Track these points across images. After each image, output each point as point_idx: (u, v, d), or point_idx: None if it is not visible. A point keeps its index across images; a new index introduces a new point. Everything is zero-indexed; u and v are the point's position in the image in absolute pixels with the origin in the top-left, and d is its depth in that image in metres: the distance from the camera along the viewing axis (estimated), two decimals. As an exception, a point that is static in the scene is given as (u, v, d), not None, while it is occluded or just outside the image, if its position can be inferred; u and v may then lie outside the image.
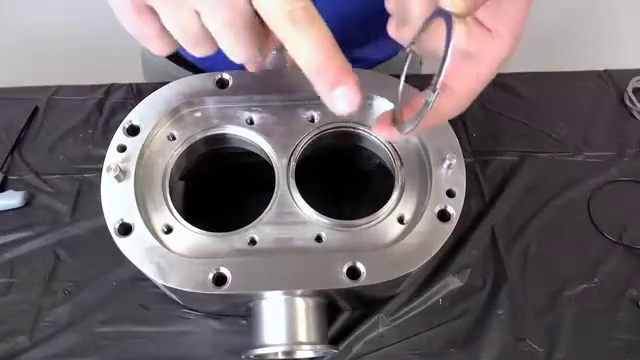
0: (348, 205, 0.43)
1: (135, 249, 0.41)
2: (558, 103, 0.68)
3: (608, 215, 0.59)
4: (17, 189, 0.60)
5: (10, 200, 0.59)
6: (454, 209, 0.43)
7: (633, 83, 0.69)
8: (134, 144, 0.45)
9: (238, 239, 0.43)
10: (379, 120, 0.38)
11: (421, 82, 0.45)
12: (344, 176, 0.53)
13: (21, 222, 0.59)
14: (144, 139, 0.45)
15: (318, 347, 0.43)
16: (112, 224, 0.42)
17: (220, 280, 0.40)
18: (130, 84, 0.70)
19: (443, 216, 0.43)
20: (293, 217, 0.44)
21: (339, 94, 0.31)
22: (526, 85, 0.70)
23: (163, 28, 0.35)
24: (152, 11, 0.34)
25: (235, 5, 0.31)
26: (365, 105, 0.48)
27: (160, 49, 0.37)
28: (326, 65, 0.30)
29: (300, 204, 0.44)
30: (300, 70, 0.31)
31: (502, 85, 0.70)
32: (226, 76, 0.48)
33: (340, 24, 0.66)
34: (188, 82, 0.48)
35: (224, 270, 0.40)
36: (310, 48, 0.30)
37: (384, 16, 0.72)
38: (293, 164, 0.46)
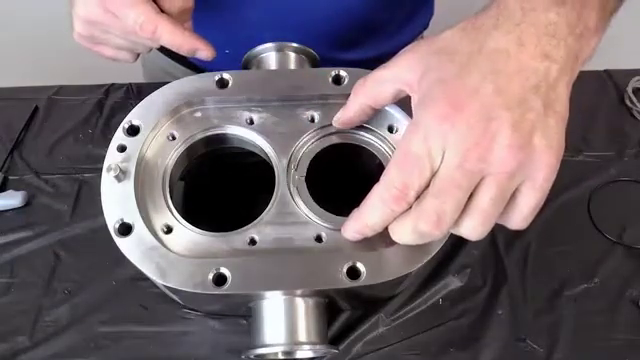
0: (348, 205, 0.43)
1: (135, 249, 0.41)
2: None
3: (608, 215, 0.59)
4: (17, 189, 0.60)
5: (10, 200, 0.59)
6: (454, 209, 0.43)
7: (633, 83, 0.69)
8: (134, 144, 0.45)
9: (238, 239, 0.43)
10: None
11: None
12: (344, 176, 0.53)
13: (21, 222, 0.59)
14: (144, 139, 0.45)
15: (318, 347, 0.43)
16: (112, 224, 0.42)
17: (220, 280, 0.40)
18: (130, 84, 0.70)
19: (443, 216, 0.43)
20: (293, 217, 0.44)
21: (200, 55, 0.47)
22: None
23: (117, 46, 0.49)
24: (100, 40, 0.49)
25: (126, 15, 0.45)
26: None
27: (126, 58, 0.51)
28: (180, 43, 0.46)
29: (300, 204, 0.44)
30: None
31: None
32: (226, 76, 0.48)
33: (345, 24, 0.67)
34: (188, 82, 0.48)
35: (224, 270, 0.40)
36: (168, 37, 0.45)
37: (384, 13, 0.72)
38: (297, 175, 0.45)
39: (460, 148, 0.34)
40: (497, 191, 0.34)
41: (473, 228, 0.36)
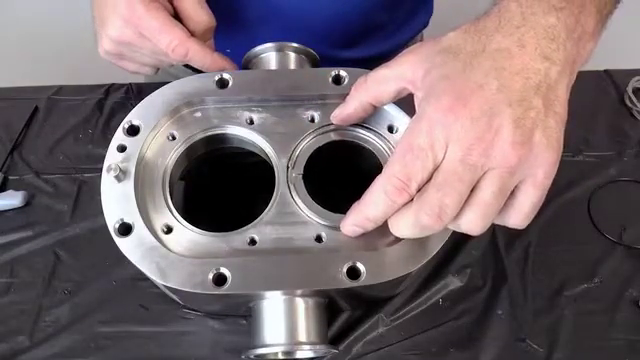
0: (348, 205, 0.43)
1: (135, 249, 0.41)
2: (558, 103, 0.68)
3: (608, 215, 0.59)
4: (17, 189, 0.60)
5: (10, 200, 0.59)
6: (454, 209, 0.43)
7: (633, 83, 0.69)
8: (134, 144, 0.45)
9: (238, 239, 0.43)
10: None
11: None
12: (344, 176, 0.53)
13: (21, 222, 0.59)
14: (144, 139, 0.45)
15: (318, 347, 0.43)
16: (112, 224, 0.42)
17: (220, 280, 0.40)
18: (130, 84, 0.70)
19: (443, 216, 0.43)
20: (293, 217, 0.44)
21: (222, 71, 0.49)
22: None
23: (142, 63, 0.52)
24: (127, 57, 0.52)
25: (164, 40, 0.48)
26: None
27: (147, 72, 0.55)
28: (209, 64, 0.49)
29: (299, 202, 0.44)
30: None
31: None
32: (226, 76, 0.48)
33: (345, 23, 0.67)
34: (188, 82, 0.48)
35: (224, 270, 0.40)
36: (198, 60, 0.49)
37: (384, 12, 0.72)
38: (294, 173, 0.45)
39: (463, 141, 0.34)
40: (499, 186, 0.34)
41: (473, 222, 0.36)
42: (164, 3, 0.49)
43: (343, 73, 0.48)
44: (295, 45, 0.53)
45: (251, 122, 0.48)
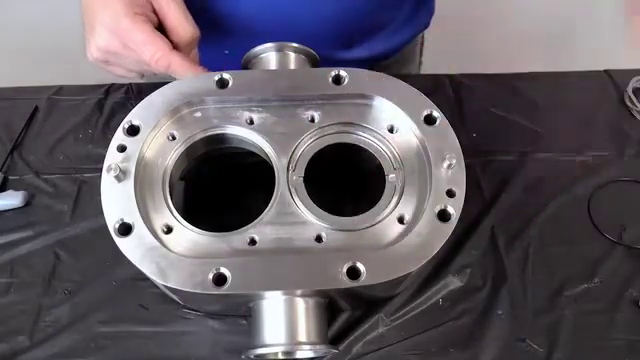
0: (348, 205, 0.43)
1: (135, 249, 0.41)
2: (558, 103, 0.68)
3: (608, 215, 0.59)
4: (17, 189, 0.60)
5: (10, 200, 0.59)
6: (454, 209, 0.43)
7: (633, 83, 0.69)
8: (134, 144, 0.45)
9: (238, 239, 0.43)
10: None
11: (420, 82, 0.45)
12: (344, 176, 0.53)
13: (21, 222, 0.59)
14: (144, 139, 0.45)
15: (318, 347, 0.43)
16: (112, 224, 0.42)
17: (220, 280, 0.40)
18: (130, 84, 0.70)
19: (443, 216, 0.43)
20: (293, 217, 0.44)
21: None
22: (526, 85, 0.70)
23: (128, 70, 0.54)
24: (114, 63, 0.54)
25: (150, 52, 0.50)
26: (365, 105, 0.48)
27: (134, 78, 0.57)
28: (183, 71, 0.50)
29: (299, 205, 0.44)
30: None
31: (503, 85, 0.69)
32: (226, 76, 0.48)
33: (345, 24, 0.67)
34: (188, 82, 0.48)
35: (224, 270, 0.40)
36: (180, 72, 0.50)
37: (384, 13, 0.72)
38: (295, 176, 0.45)
39: None
40: None
41: None
42: (149, 15, 0.51)
43: (343, 73, 0.48)
44: (295, 45, 0.53)
45: (251, 122, 0.48)
